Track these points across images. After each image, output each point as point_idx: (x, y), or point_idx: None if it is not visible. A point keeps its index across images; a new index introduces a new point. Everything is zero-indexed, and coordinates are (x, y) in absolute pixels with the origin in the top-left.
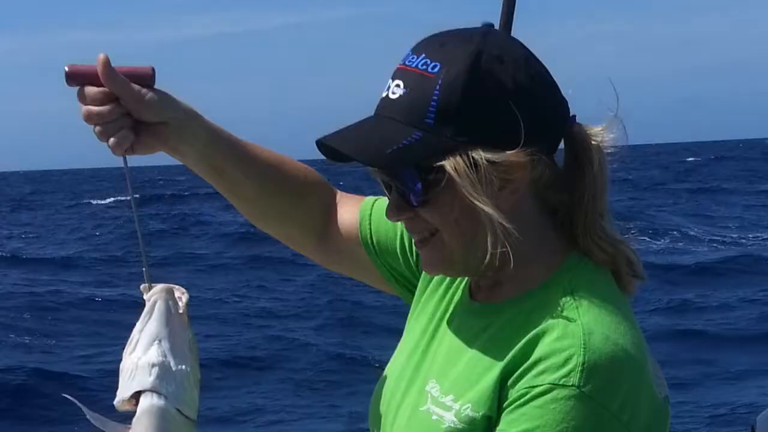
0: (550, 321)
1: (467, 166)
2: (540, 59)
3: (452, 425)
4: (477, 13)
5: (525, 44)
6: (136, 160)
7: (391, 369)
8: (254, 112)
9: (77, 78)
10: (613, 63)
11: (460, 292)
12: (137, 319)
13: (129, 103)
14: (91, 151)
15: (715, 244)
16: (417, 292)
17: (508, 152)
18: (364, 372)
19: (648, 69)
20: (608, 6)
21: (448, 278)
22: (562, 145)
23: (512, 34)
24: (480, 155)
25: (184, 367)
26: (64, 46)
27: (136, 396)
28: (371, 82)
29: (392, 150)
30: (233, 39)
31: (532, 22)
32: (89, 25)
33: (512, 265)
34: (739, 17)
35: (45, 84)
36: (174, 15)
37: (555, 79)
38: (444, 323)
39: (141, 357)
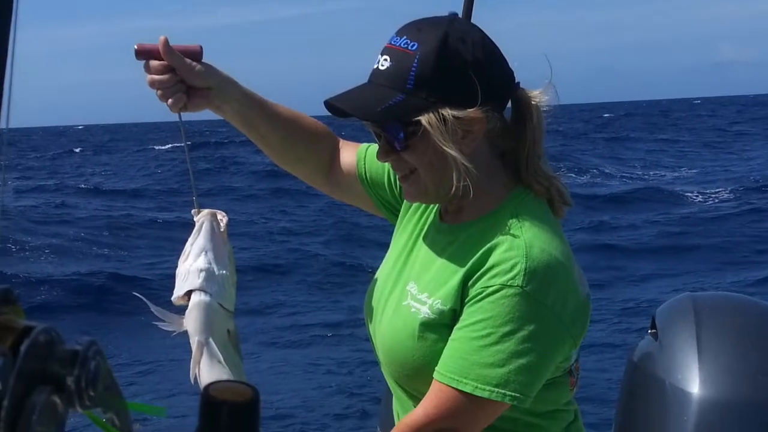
0: (500, 237)
1: (438, 121)
2: (493, 40)
3: (426, 316)
4: (445, 5)
5: (482, 28)
6: (188, 116)
7: (380, 274)
8: (277, 81)
9: (144, 54)
10: (549, 42)
11: (432, 215)
12: (189, 236)
13: (183, 72)
14: (155, 108)
15: (624, 179)
16: (400, 216)
17: (468, 110)
18: (360, 276)
19: (574, 47)
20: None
21: (423, 205)
22: (510, 104)
23: (472, 20)
24: (447, 112)
25: (224, 272)
26: (132, 31)
27: (188, 294)
28: (366, 58)
29: (382, 108)
30: (259, 26)
31: (487, 11)
32: (150, 14)
33: (472, 195)
34: (646, 9)
35: (119, 58)
36: (214, 7)
37: (504, 55)
38: (420, 239)
39: (192, 264)
